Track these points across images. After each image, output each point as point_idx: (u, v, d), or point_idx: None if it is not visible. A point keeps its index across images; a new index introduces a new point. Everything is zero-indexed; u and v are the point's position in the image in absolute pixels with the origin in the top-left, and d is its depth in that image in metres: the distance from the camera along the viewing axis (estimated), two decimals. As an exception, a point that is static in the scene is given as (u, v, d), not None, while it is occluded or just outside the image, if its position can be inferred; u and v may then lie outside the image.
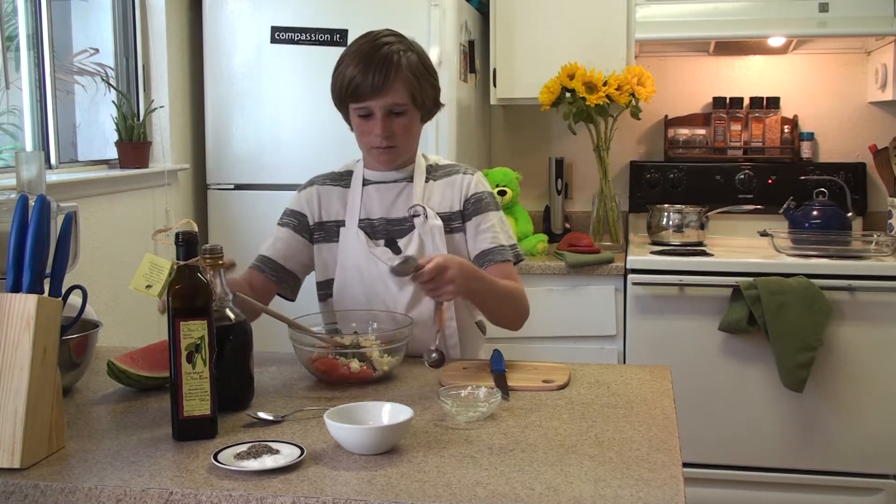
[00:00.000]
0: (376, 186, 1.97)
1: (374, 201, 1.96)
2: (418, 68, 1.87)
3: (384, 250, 1.92)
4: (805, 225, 3.33)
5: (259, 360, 1.88)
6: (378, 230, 1.95)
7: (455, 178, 1.98)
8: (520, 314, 1.95)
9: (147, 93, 3.15)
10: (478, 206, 1.96)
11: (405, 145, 1.92)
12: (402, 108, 1.86)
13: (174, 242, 1.42)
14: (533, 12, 3.40)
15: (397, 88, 1.84)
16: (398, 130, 1.88)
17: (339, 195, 1.99)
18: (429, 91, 1.90)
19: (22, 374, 1.29)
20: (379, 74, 1.82)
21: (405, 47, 1.87)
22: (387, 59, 1.83)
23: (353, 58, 1.86)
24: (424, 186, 1.96)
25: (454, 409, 1.48)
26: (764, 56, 3.65)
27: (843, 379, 3.01)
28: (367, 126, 1.88)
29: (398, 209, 1.95)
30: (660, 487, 1.21)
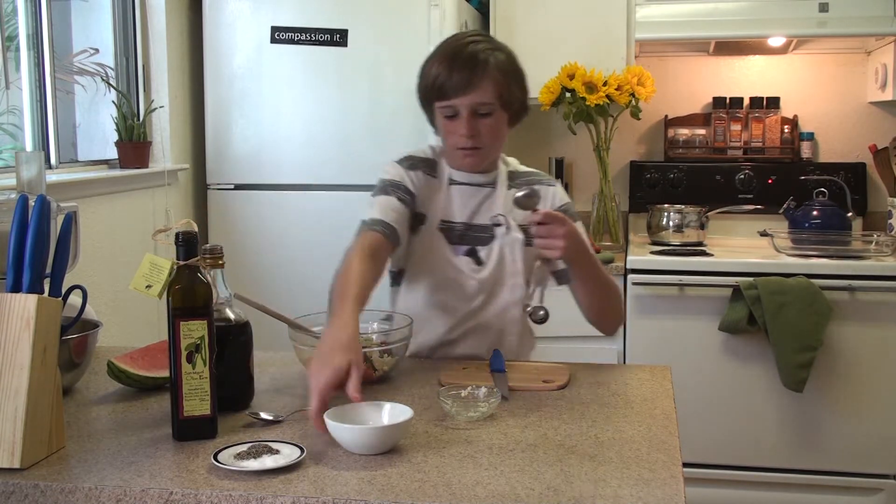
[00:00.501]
0: (460, 188, 1.92)
1: (456, 204, 1.91)
2: (507, 68, 1.82)
3: (466, 260, 1.88)
4: (805, 225, 3.33)
5: (259, 360, 1.88)
6: (459, 234, 1.90)
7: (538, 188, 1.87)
8: (617, 310, 1.91)
9: (147, 93, 3.15)
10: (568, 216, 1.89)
11: (491, 147, 1.86)
12: (488, 109, 1.81)
13: (174, 242, 1.42)
14: (533, 12, 3.40)
15: (484, 87, 1.79)
16: (484, 131, 1.82)
17: (431, 186, 1.91)
18: (517, 92, 1.85)
19: (22, 374, 1.29)
20: (466, 72, 1.77)
21: (493, 47, 1.83)
22: (474, 57, 1.79)
23: (439, 57, 1.82)
24: (507, 194, 1.90)
25: (454, 409, 1.48)
26: (764, 56, 3.65)
27: (843, 379, 3.01)
28: (452, 126, 1.83)
29: (481, 215, 1.90)
30: (660, 487, 1.21)
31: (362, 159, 3.12)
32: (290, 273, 3.15)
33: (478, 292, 1.89)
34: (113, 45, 3.09)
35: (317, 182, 3.15)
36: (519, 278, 1.88)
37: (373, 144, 3.10)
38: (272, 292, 3.07)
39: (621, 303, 1.92)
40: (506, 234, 1.88)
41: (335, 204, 3.13)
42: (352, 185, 3.12)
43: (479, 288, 1.88)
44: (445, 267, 1.88)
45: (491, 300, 1.90)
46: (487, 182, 1.92)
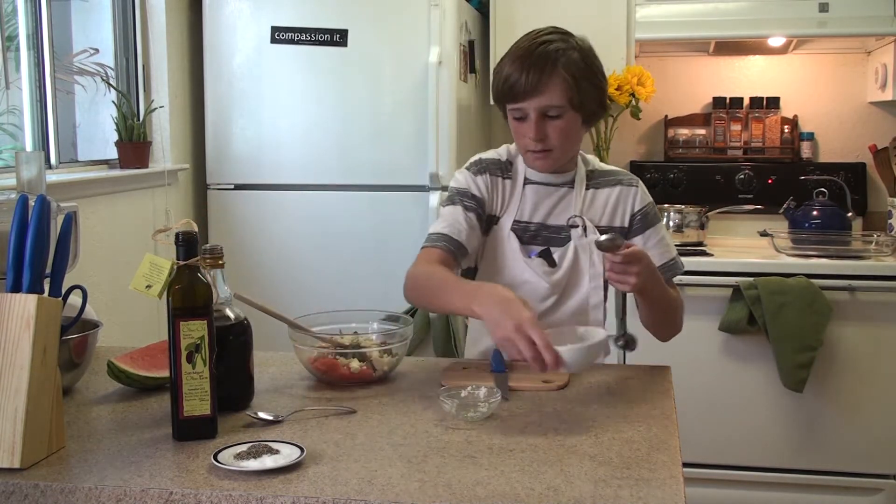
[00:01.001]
0: (536, 188, 1.88)
1: (531, 203, 1.88)
2: (578, 68, 1.76)
3: (539, 261, 1.86)
4: (805, 225, 3.33)
5: (259, 360, 1.88)
6: (532, 234, 1.87)
7: (620, 189, 1.89)
8: (676, 326, 1.89)
9: (147, 93, 3.15)
10: (645, 221, 1.89)
11: (562, 149, 1.82)
12: (558, 111, 1.76)
13: (174, 242, 1.41)
14: (533, 12, 3.39)
15: (552, 89, 1.74)
16: (552, 134, 1.78)
17: (503, 188, 1.89)
18: (590, 93, 1.79)
19: (22, 374, 1.29)
20: (534, 74, 1.73)
21: (567, 45, 1.78)
22: (543, 58, 1.74)
23: (512, 56, 1.79)
24: (584, 195, 1.88)
25: (454, 409, 1.48)
26: (764, 56, 3.65)
27: (843, 379, 3.01)
28: (521, 128, 1.80)
29: (557, 216, 1.87)
30: (660, 487, 1.21)
31: (362, 159, 3.12)
32: (290, 273, 3.15)
33: (548, 295, 1.86)
34: (113, 45, 3.09)
35: (317, 182, 3.15)
36: (598, 280, 1.86)
37: (373, 144, 3.10)
38: (272, 292, 3.07)
39: (680, 315, 1.89)
40: (582, 237, 1.85)
41: (335, 204, 3.13)
42: (352, 185, 3.12)
43: (550, 290, 1.85)
44: (516, 268, 1.86)
45: (564, 301, 1.87)
46: (564, 182, 1.89)
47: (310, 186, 3.16)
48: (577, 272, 1.87)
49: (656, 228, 1.90)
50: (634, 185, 1.91)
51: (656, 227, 1.90)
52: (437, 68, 2.96)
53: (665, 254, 1.88)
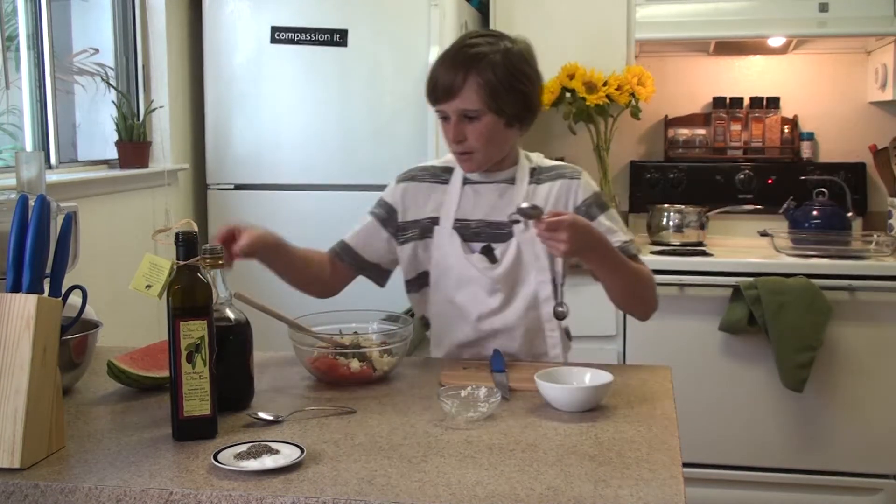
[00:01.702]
0: (475, 187, 1.91)
1: (472, 202, 1.90)
2: (496, 72, 1.75)
3: (480, 257, 1.87)
4: (805, 225, 3.33)
5: (259, 360, 1.88)
6: (475, 232, 1.89)
7: (562, 183, 1.90)
8: (647, 299, 1.89)
9: (147, 93, 3.15)
10: (591, 211, 1.88)
11: (485, 151, 1.83)
12: (475, 114, 1.78)
13: (174, 242, 1.42)
14: (533, 12, 3.40)
15: (466, 94, 1.76)
16: (471, 136, 1.80)
17: (435, 192, 1.93)
18: (510, 97, 1.78)
19: (22, 374, 1.29)
20: (450, 77, 1.76)
21: (492, 49, 1.77)
22: (462, 63, 1.76)
23: (440, 57, 1.82)
24: (528, 190, 1.89)
25: (454, 409, 1.48)
26: (764, 56, 3.65)
27: (843, 379, 3.01)
28: (445, 129, 1.83)
29: (499, 212, 1.88)
30: (660, 487, 1.21)
31: (362, 159, 3.12)
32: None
33: (494, 291, 1.88)
34: (113, 45, 3.10)
35: (317, 182, 3.15)
36: (546, 274, 1.86)
37: (372, 144, 3.10)
38: (272, 292, 3.05)
39: (650, 290, 1.88)
40: (524, 231, 1.84)
41: (335, 204, 3.13)
42: (352, 185, 3.12)
43: (493, 286, 1.87)
44: (461, 265, 1.88)
45: (512, 297, 1.88)
46: (505, 179, 1.91)
47: (310, 186, 3.16)
48: (521, 267, 1.87)
49: (605, 216, 1.89)
50: (577, 178, 1.91)
51: (604, 214, 1.89)
52: (437, 68, 2.96)
53: (613, 240, 1.86)
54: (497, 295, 1.87)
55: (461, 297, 1.89)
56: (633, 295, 1.87)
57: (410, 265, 1.95)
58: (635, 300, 1.89)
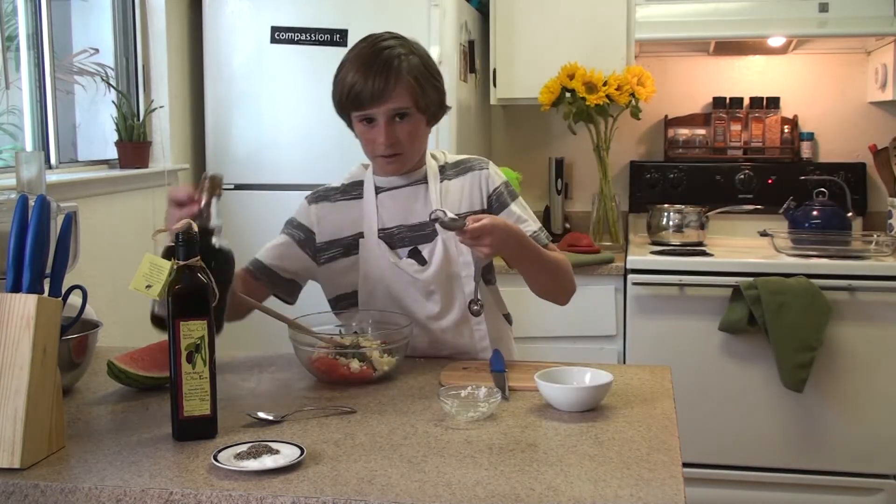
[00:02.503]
0: (389, 194, 1.92)
1: (389, 209, 1.91)
2: (420, 72, 1.82)
3: (409, 262, 1.88)
4: (805, 225, 3.33)
5: (259, 360, 1.88)
6: (398, 238, 1.90)
7: (472, 175, 1.93)
8: (566, 285, 1.91)
9: (147, 93, 3.15)
10: (501, 200, 1.92)
11: (411, 151, 1.87)
12: (404, 112, 1.81)
13: (174, 242, 1.41)
14: (533, 12, 3.40)
15: (399, 94, 1.78)
16: (403, 137, 1.82)
17: (350, 208, 1.94)
18: (432, 94, 1.85)
19: (22, 374, 1.29)
20: (379, 80, 1.77)
21: (407, 50, 1.82)
22: (387, 64, 1.78)
23: (353, 63, 1.81)
24: (441, 188, 1.91)
25: (454, 409, 1.48)
26: (764, 56, 3.65)
27: (843, 379, 3.01)
28: (370, 134, 1.83)
29: (417, 214, 1.90)
30: (660, 487, 1.21)
31: (362, 159, 3.11)
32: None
33: (430, 293, 1.87)
34: (113, 45, 3.09)
35: (317, 182, 3.10)
36: (470, 269, 1.88)
37: (373, 144, 3.10)
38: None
39: (568, 275, 1.91)
40: None
41: (335, 204, 3.13)
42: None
43: (427, 287, 1.87)
44: (392, 273, 1.88)
45: (452, 297, 1.89)
46: (416, 180, 1.92)
47: (310, 186, 3.13)
48: (451, 264, 1.88)
49: (514, 205, 1.93)
50: (485, 168, 1.95)
51: (510, 207, 1.92)
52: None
53: (527, 227, 1.90)
54: (434, 297, 1.88)
55: (403, 304, 1.89)
56: (554, 283, 1.90)
57: (333, 284, 1.95)
58: (556, 287, 1.92)
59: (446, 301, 1.89)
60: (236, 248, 3.57)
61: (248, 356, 1.91)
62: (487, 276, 1.98)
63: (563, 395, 1.54)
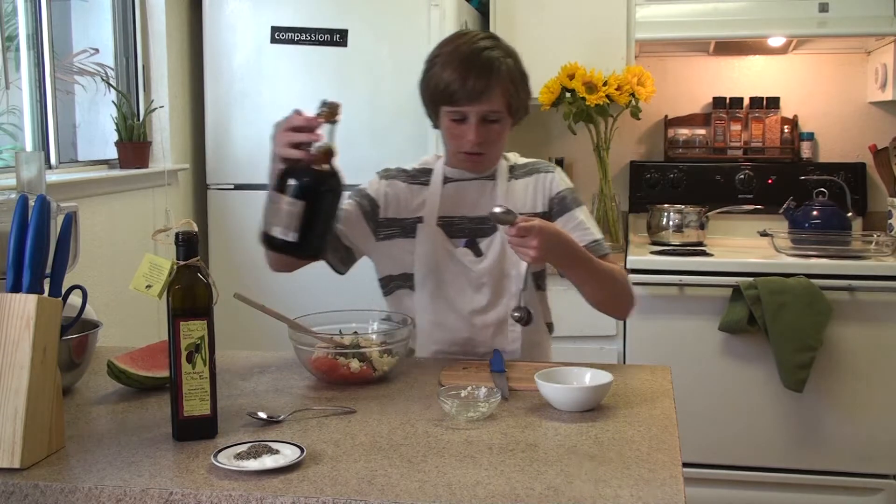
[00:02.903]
0: (456, 185, 1.94)
1: (453, 199, 1.93)
2: (516, 75, 1.84)
3: (465, 251, 1.90)
4: (805, 225, 3.33)
5: (259, 360, 1.88)
6: (458, 228, 1.92)
7: (537, 177, 1.95)
8: (621, 299, 1.90)
9: (147, 93, 3.15)
10: (563, 205, 1.93)
11: (494, 152, 1.90)
12: (497, 116, 1.83)
13: (174, 242, 1.42)
14: (533, 12, 3.39)
15: (496, 96, 1.80)
16: (491, 138, 1.85)
17: (416, 192, 1.95)
18: (523, 99, 1.88)
19: (22, 374, 1.29)
20: (479, 81, 1.78)
21: (503, 53, 1.84)
22: (487, 66, 1.79)
23: (450, 59, 1.81)
24: (506, 186, 1.93)
25: (454, 409, 1.48)
26: (764, 56, 3.65)
27: (843, 379, 3.01)
28: (458, 130, 1.84)
29: (480, 208, 1.91)
30: (660, 487, 1.21)
31: (362, 159, 3.09)
32: (290, 273, 3.14)
33: (480, 285, 1.89)
34: (113, 45, 3.09)
35: (316, 182, 3.15)
36: (520, 267, 1.88)
37: (373, 144, 3.10)
38: (272, 292, 3.05)
39: (624, 289, 1.88)
40: None
41: (335, 204, 3.13)
42: (351, 185, 3.11)
43: (479, 280, 1.89)
44: (446, 260, 1.90)
45: (500, 293, 1.90)
46: (485, 176, 1.94)
47: (310, 186, 3.15)
48: (506, 260, 1.90)
49: (574, 213, 1.92)
50: (551, 172, 1.97)
51: (574, 211, 1.93)
52: (437, 68, 2.96)
53: (584, 236, 1.89)
54: (483, 290, 1.89)
55: (450, 294, 1.90)
56: (608, 296, 1.89)
57: (387, 263, 1.97)
58: (610, 300, 1.91)
59: (494, 297, 1.90)
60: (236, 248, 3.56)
61: (248, 356, 1.92)
62: (539, 282, 1.99)
63: (563, 395, 1.54)
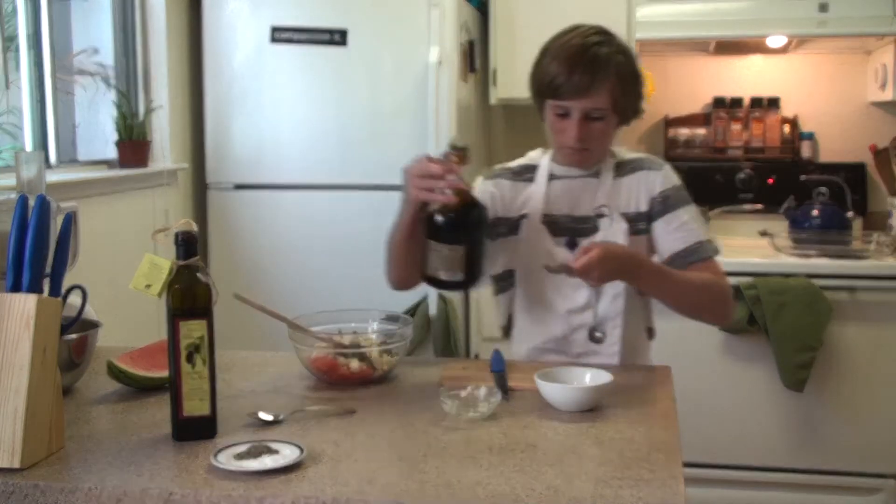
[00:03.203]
0: (562, 182, 1.92)
1: (559, 197, 1.90)
2: (625, 74, 1.80)
3: (565, 251, 1.86)
4: (805, 225, 3.33)
5: (259, 360, 1.88)
6: (561, 226, 1.89)
7: (641, 174, 1.90)
8: (709, 308, 1.86)
9: (147, 93, 3.15)
10: (665, 205, 1.87)
11: (599, 149, 1.87)
12: (601, 113, 1.79)
13: (174, 242, 1.42)
14: (533, 12, 3.39)
15: (600, 93, 1.77)
16: (594, 134, 1.82)
17: (521, 190, 1.94)
18: (631, 99, 1.84)
19: (22, 374, 1.29)
20: (584, 77, 1.76)
21: (614, 49, 1.81)
22: (594, 62, 1.77)
23: (558, 53, 1.81)
24: (612, 184, 1.89)
25: (454, 409, 1.48)
26: (764, 56, 3.65)
27: (843, 379, 3.01)
28: (562, 125, 1.83)
29: (583, 206, 1.89)
30: (660, 487, 1.21)
31: (362, 159, 3.12)
32: (290, 273, 3.15)
33: (579, 285, 1.85)
34: (113, 45, 3.09)
35: (317, 182, 3.15)
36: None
37: (373, 144, 3.10)
38: (272, 292, 3.07)
39: (712, 299, 1.84)
40: (609, 226, 1.85)
41: (335, 204, 3.13)
42: (352, 185, 3.12)
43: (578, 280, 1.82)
44: (547, 259, 1.85)
45: (599, 296, 1.87)
46: (590, 173, 1.91)
47: (310, 186, 3.16)
48: None
49: (678, 213, 1.86)
50: (657, 169, 1.91)
51: (678, 211, 1.87)
52: (437, 68, 2.96)
53: (686, 237, 1.85)
54: (582, 290, 1.86)
55: (548, 292, 1.88)
56: (690, 307, 1.86)
57: (497, 261, 1.95)
58: (693, 311, 1.88)
59: (592, 297, 1.87)
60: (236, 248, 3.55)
61: (248, 356, 1.91)
62: None
63: (563, 395, 1.54)
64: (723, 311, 1.89)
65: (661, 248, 1.87)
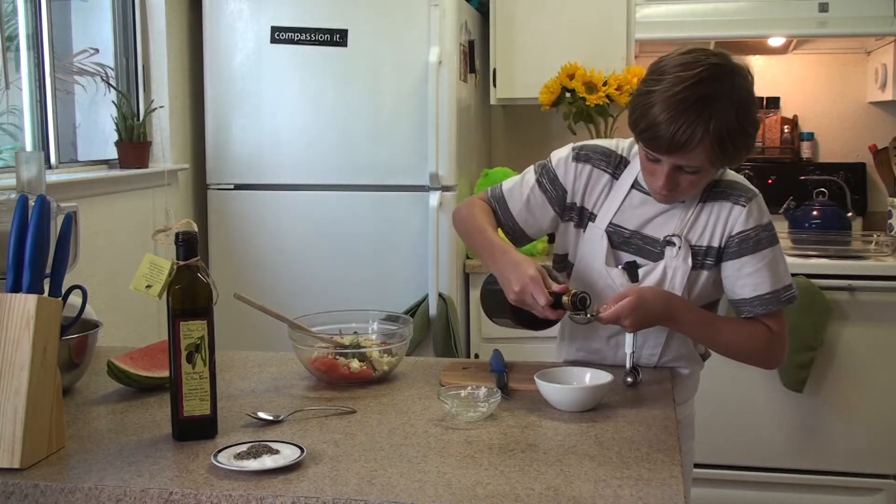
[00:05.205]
0: (642, 196, 1.76)
1: (634, 209, 1.77)
2: (729, 133, 1.58)
3: (621, 272, 1.76)
4: (805, 225, 3.33)
5: (259, 360, 1.88)
6: (626, 241, 1.77)
7: (724, 207, 1.73)
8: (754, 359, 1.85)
9: (147, 93, 3.15)
10: (740, 248, 1.71)
11: (686, 196, 1.72)
12: (693, 169, 1.63)
13: (174, 242, 1.42)
14: (533, 12, 3.39)
15: (694, 154, 1.59)
16: (683, 185, 1.67)
17: (606, 186, 1.80)
18: (733, 155, 1.62)
19: (22, 374, 1.29)
20: (682, 134, 1.56)
21: (727, 99, 1.58)
22: (698, 118, 1.56)
23: (663, 96, 1.59)
24: (693, 211, 1.74)
25: (454, 409, 1.48)
26: (764, 56, 3.65)
27: (843, 379, 3.01)
28: (651, 167, 1.67)
29: (655, 228, 1.75)
30: (660, 487, 1.21)
31: (362, 159, 3.12)
32: (290, 273, 3.15)
33: None
34: (113, 45, 3.09)
35: (317, 182, 3.15)
36: None
37: (372, 144, 3.10)
38: (272, 292, 3.07)
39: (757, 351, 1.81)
40: (674, 258, 1.73)
41: (335, 204, 3.13)
42: (352, 185, 3.12)
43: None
44: (601, 273, 1.77)
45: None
46: None
47: (310, 186, 3.16)
48: None
49: (753, 258, 1.72)
50: (742, 205, 1.72)
51: (754, 256, 1.72)
52: (437, 68, 2.96)
53: (757, 286, 1.73)
54: None
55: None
56: (732, 355, 1.83)
57: (560, 242, 1.87)
58: (735, 358, 1.85)
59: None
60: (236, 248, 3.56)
61: (248, 356, 1.92)
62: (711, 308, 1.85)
63: (563, 395, 1.54)
64: (766, 363, 1.87)
65: (728, 290, 1.77)
